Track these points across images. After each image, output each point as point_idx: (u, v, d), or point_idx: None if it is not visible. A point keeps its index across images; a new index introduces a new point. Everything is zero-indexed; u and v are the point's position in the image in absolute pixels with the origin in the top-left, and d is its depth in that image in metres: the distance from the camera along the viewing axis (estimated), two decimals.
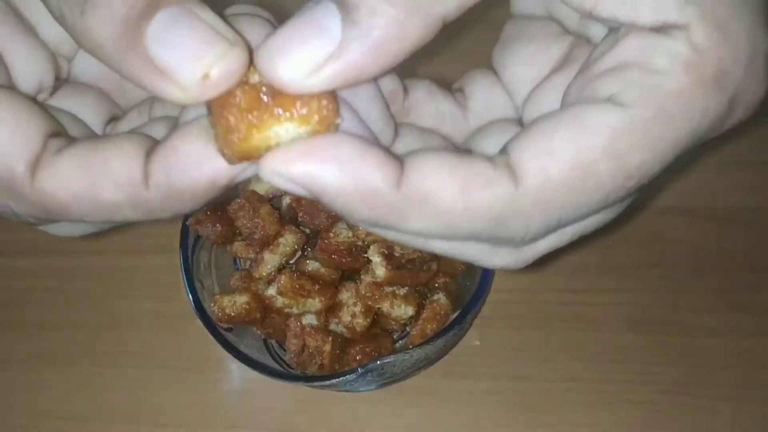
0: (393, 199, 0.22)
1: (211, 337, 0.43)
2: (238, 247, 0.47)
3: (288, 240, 0.45)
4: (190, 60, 0.21)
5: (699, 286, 0.45)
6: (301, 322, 0.44)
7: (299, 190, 0.22)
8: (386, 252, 0.43)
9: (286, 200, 0.48)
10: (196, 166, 0.22)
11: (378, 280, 0.43)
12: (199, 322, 0.42)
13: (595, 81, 0.22)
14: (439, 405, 0.43)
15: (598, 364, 0.43)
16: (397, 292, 0.44)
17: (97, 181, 0.23)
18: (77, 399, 0.44)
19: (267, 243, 0.45)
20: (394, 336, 0.46)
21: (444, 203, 0.22)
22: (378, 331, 0.46)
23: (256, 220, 0.45)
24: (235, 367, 0.45)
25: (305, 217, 0.46)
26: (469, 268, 0.46)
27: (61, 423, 0.44)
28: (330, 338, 0.42)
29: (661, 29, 0.21)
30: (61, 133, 0.25)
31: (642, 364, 0.42)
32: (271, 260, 0.45)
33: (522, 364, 0.43)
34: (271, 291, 0.45)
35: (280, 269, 0.46)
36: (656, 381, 0.42)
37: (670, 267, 0.45)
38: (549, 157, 0.22)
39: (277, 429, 0.44)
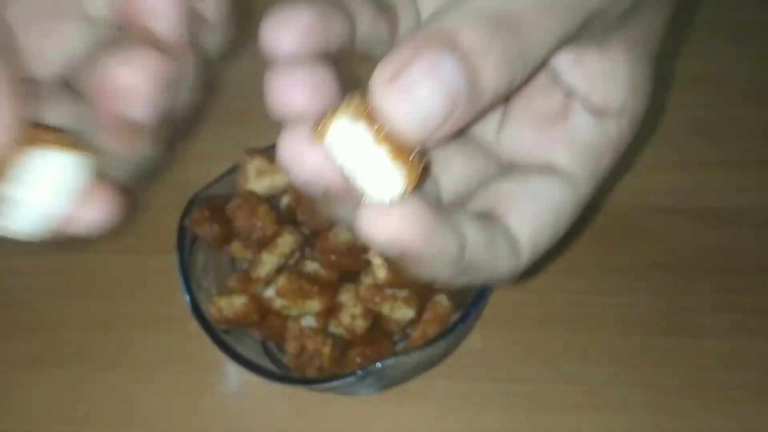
0: None
1: (208, 339, 0.42)
2: (235, 247, 0.47)
3: (286, 240, 0.45)
4: None
5: (704, 288, 0.44)
6: (299, 324, 0.43)
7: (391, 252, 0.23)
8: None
9: (285, 200, 0.47)
10: None
11: (378, 282, 0.42)
12: (196, 324, 0.42)
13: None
14: (440, 408, 0.43)
15: (602, 367, 0.42)
16: (397, 294, 0.43)
17: None
18: (72, 402, 0.43)
19: (265, 244, 0.44)
20: (395, 338, 0.46)
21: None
22: (378, 333, 0.45)
23: (253, 220, 0.44)
24: (233, 370, 0.44)
25: (304, 217, 0.45)
26: None
27: (55, 426, 0.43)
28: (329, 341, 0.41)
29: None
30: None
31: (647, 366, 0.42)
32: (269, 261, 0.44)
33: (525, 367, 0.43)
34: (270, 292, 0.44)
35: (279, 270, 0.45)
36: (662, 383, 0.42)
37: (675, 268, 0.44)
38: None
39: None
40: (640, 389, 0.41)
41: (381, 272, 0.41)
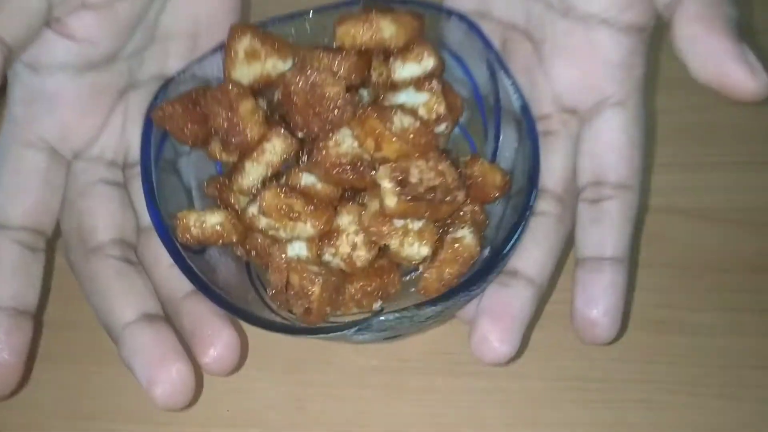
0: None
1: None
2: (215, 148, 0.38)
3: (276, 146, 0.36)
4: None
5: (699, 286, 0.44)
6: (286, 253, 0.35)
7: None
8: (400, 176, 0.33)
9: (278, 94, 0.37)
10: None
11: (387, 211, 0.33)
12: None
13: None
14: (439, 403, 0.41)
15: (597, 363, 0.42)
16: (410, 226, 0.34)
17: None
18: (78, 398, 0.42)
19: (249, 149, 0.35)
20: (404, 269, 0.38)
21: None
22: (384, 263, 0.37)
23: (234, 120, 0.35)
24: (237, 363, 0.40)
25: (300, 117, 0.36)
26: (507, 201, 0.37)
27: (62, 422, 0.41)
28: (320, 279, 0.33)
29: None
30: None
31: (642, 363, 0.42)
32: (253, 171, 0.36)
33: (522, 363, 0.41)
34: (253, 209, 0.36)
35: (266, 183, 0.36)
36: (656, 380, 0.42)
37: (670, 267, 0.45)
38: None
39: (277, 427, 0.41)
40: (635, 385, 0.41)
41: (390, 199, 0.33)
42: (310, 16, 0.41)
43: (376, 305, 0.37)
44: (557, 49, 0.37)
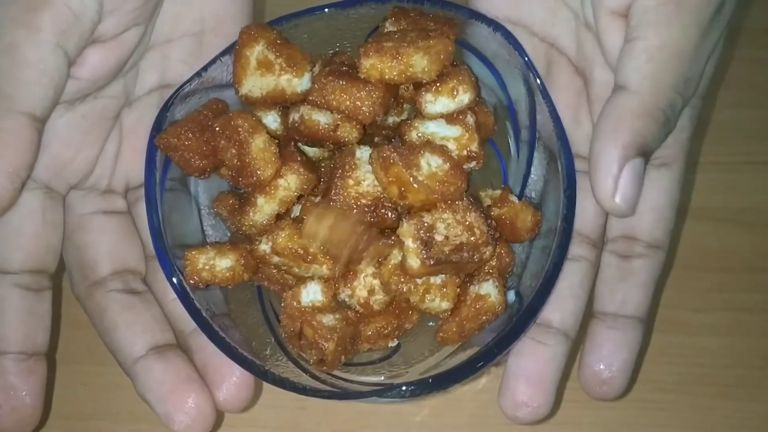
0: None
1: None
2: (225, 173, 0.35)
3: (290, 183, 0.33)
4: None
5: (699, 286, 0.45)
6: (299, 301, 0.33)
7: None
8: (425, 237, 0.30)
9: (298, 114, 0.34)
10: None
11: (409, 271, 0.31)
12: None
13: None
14: (441, 402, 0.42)
15: None
16: (431, 281, 0.32)
17: None
18: (81, 397, 0.42)
19: (261, 186, 0.33)
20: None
21: None
22: (401, 302, 0.35)
23: (245, 159, 0.32)
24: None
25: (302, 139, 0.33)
26: (533, 240, 0.34)
27: (65, 421, 0.42)
28: (335, 336, 0.32)
29: None
30: None
31: (643, 363, 0.42)
32: (265, 207, 0.33)
33: None
34: (265, 247, 0.33)
35: (279, 217, 0.34)
36: (656, 380, 0.42)
37: (671, 266, 0.44)
38: None
39: (278, 427, 0.41)
40: (635, 385, 0.41)
41: (414, 261, 0.30)
42: (327, 11, 0.37)
43: (392, 344, 0.35)
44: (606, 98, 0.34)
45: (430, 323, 0.36)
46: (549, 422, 0.40)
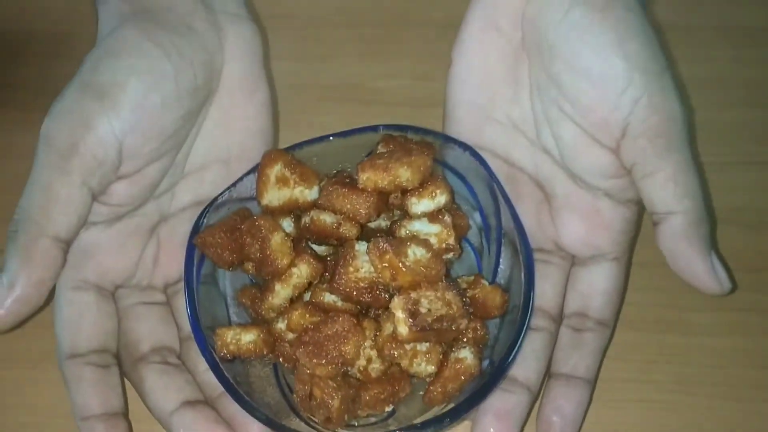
0: None
1: None
2: (249, 266, 0.43)
3: (302, 271, 0.41)
4: None
5: None
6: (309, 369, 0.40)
7: None
8: (412, 308, 0.38)
9: (306, 219, 0.42)
10: None
11: (399, 338, 0.38)
12: None
13: None
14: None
15: None
16: (418, 347, 0.39)
17: None
18: None
19: (278, 275, 0.40)
20: (414, 380, 0.42)
21: None
22: (395, 371, 0.42)
23: (266, 252, 0.40)
24: None
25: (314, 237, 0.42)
26: (503, 316, 0.42)
27: (64, 421, 0.43)
28: (339, 394, 0.38)
29: None
30: None
31: (642, 362, 0.43)
32: (282, 292, 0.41)
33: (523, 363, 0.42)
34: (281, 326, 0.41)
35: (293, 300, 0.41)
36: (656, 380, 0.42)
37: (670, 266, 0.43)
38: None
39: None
40: (633, 385, 0.42)
41: (403, 328, 0.38)
42: (332, 139, 0.46)
43: (388, 409, 0.42)
44: (566, 208, 0.44)
45: (421, 392, 0.42)
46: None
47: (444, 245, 0.41)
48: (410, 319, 0.37)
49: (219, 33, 0.44)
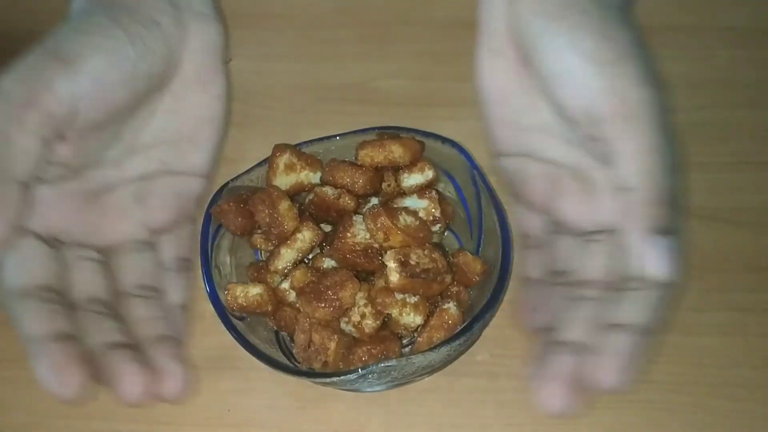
0: None
1: (214, 336, 0.43)
2: (257, 239, 0.48)
3: (305, 236, 0.46)
4: None
5: (699, 286, 0.45)
6: (309, 318, 0.44)
7: None
8: (402, 259, 0.43)
9: (311, 195, 0.48)
10: None
11: (391, 285, 0.43)
12: (204, 320, 0.42)
13: None
14: (440, 403, 0.44)
15: None
16: (408, 299, 0.44)
17: None
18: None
19: (284, 238, 0.46)
20: (403, 340, 0.47)
21: None
22: (387, 333, 0.46)
23: (274, 215, 0.45)
24: (238, 365, 0.45)
25: (323, 215, 0.47)
26: (484, 281, 0.46)
27: (63, 421, 0.44)
28: (335, 337, 0.43)
29: None
30: None
31: (641, 363, 0.42)
32: (287, 255, 0.46)
33: (522, 363, 0.44)
34: (285, 285, 0.46)
35: (296, 264, 0.46)
36: (656, 380, 0.43)
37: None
38: None
39: (279, 427, 0.45)
40: (635, 386, 0.40)
41: (394, 276, 0.42)
42: (337, 138, 0.52)
43: None
44: (604, 190, 0.44)
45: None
46: (549, 423, 0.41)
47: (431, 217, 0.47)
48: (400, 268, 0.42)
49: (181, 29, 0.48)
